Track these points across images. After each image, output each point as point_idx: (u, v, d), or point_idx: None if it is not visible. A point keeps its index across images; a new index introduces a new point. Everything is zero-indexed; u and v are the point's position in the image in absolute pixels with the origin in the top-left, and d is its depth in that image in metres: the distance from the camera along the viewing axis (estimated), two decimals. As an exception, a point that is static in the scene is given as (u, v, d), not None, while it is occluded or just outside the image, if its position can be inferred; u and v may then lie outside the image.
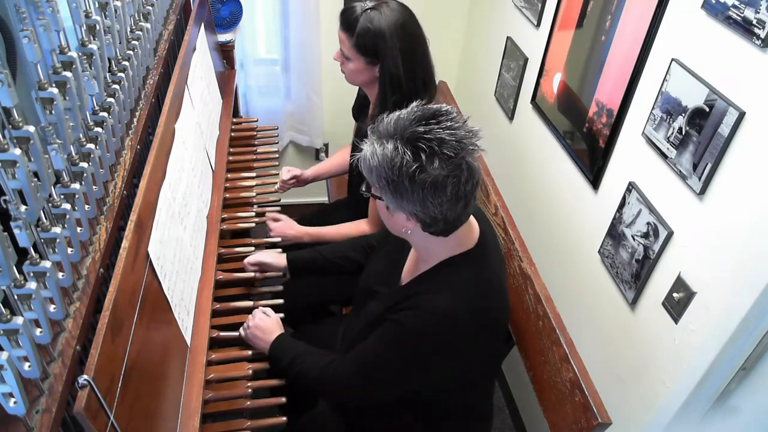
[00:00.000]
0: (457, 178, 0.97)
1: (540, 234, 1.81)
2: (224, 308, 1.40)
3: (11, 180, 0.71)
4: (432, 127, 0.96)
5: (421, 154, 0.95)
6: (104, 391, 0.78)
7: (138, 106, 1.31)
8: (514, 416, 2.10)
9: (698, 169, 1.11)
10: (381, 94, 1.51)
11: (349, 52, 1.50)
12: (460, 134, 0.97)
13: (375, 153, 0.98)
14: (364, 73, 1.53)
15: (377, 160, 0.97)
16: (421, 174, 0.95)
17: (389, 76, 1.47)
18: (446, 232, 1.05)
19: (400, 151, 0.95)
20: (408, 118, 0.98)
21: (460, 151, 0.96)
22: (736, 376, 1.15)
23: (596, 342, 1.51)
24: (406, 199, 0.98)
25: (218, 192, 1.61)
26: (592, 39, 1.50)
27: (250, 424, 1.21)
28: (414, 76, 1.50)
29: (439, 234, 1.05)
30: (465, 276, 1.09)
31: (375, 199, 1.07)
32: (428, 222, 1.02)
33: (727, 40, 1.05)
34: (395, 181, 0.97)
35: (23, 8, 0.79)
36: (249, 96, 2.47)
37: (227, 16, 2.19)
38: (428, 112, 0.99)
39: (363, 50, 1.47)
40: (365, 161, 1.00)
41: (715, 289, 1.10)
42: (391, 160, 0.96)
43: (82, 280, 0.92)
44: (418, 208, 0.99)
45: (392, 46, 1.45)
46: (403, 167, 0.95)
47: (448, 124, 0.97)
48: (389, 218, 1.08)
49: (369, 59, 1.49)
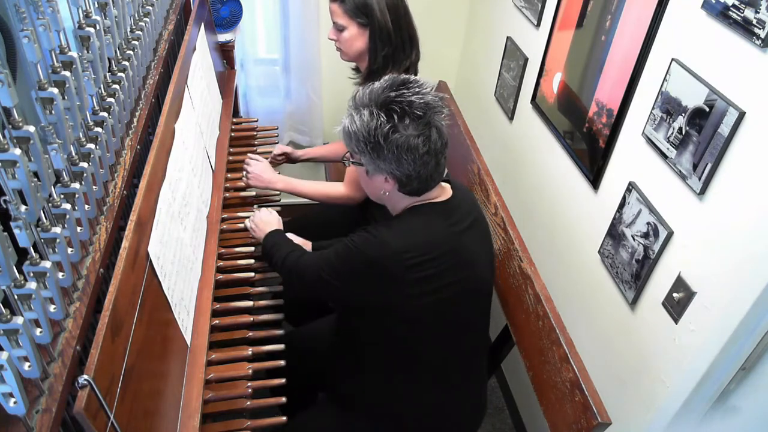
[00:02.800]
0: (427, 137, 1.10)
1: (540, 234, 1.81)
2: (224, 308, 1.39)
3: (11, 180, 0.71)
4: (402, 91, 1.10)
5: (393, 116, 1.08)
6: (104, 391, 0.78)
7: (138, 106, 1.31)
8: (514, 416, 2.10)
9: (698, 169, 1.11)
10: (372, 48, 1.62)
11: (342, 20, 1.61)
12: (428, 98, 1.11)
13: (353, 120, 1.11)
14: (358, 39, 1.63)
15: (356, 126, 1.11)
16: (394, 134, 1.08)
17: (379, 29, 1.59)
18: (420, 191, 1.17)
19: (374, 115, 1.09)
20: (381, 87, 1.12)
21: (427, 111, 1.09)
22: (736, 376, 1.15)
23: (596, 342, 1.51)
24: (383, 158, 1.11)
25: (218, 192, 1.61)
26: (592, 39, 1.50)
27: (250, 424, 1.21)
28: (400, 28, 1.62)
29: (414, 194, 1.18)
30: (416, 220, 1.18)
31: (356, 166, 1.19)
32: (404, 180, 1.14)
33: (727, 40, 1.05)
34: (372, 142, 1.10)
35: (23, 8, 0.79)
36: (249, 96, 2.47)
37: (227, 16, 2.19)
38: (398, 80, 1.13)
39: (354, 12, 1.59)
40: (345, 130, 1.14)
41: (715, 289, 1.10)
42: (367, 124, 1.09)
43: (82, 280, 0.92)
44: (394, 166, 1.11)
45: (379, 1, 1.58)
46: (378, 128, 1.08)
47: (416, 89, 1.11)
48: (368, 183, 1.20)
49: (361, 21, 1.60)
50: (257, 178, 1.72)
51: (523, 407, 2.05)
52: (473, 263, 1.21)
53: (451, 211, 1.20)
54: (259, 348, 1.34)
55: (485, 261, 1.27)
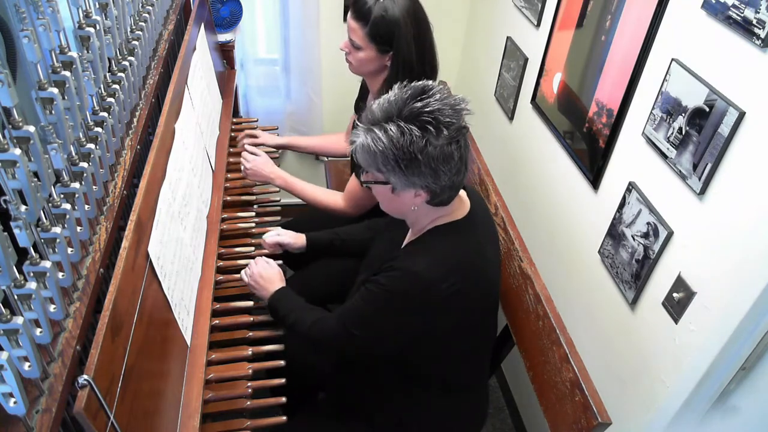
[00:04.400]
0: (459, 143, 1.03)
1: (540, 234, 1.81)
2: (224, 308, 1.40)
3: (11, 180, 0.71)
4: (427, 101, 1.02)
5: (427, 127, 1.00)
6: (104, 391, 0.78)
7: (138, 106, 1.31)
8: (514, 416, 2.10)
9: (698, 169, 1.11)
10: (391, 78, 1.53)
11: (361, 41, 1.52)
12: (451, 102, 1.03)
13: (377, 138, 1.01)
14: (373, 62, 1.55)
15: (383, 144, 1.01)
16: (429, 146, 1.00)
17: (402, 62, 1.51)
18: (450, 199, 1.11)
19: (405, 129, 1.00)
20: (401, 98, 1.03)
21: (458, 117, 1.03)
22: (736, 376, 1.15)
23: (596, 342, 1.51)
24: (418, 174, 1.03)
25: (218, 192, 1.61)
26: (592, 39, 1.50)
27: (250, 424, 1.21)
28: (423, 60, 1.54)
29: (443, 204, 1.11)
30: (445, 242, 1.13)
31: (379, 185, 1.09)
32: (438, 192, 1.07)
33: (727, 40, 1.05)
34: (406, 159, 1.01)
35: (23, 8, 0.79)
36: (249, 96, 2.47)
37: (227, 16, 2.19)
38: (417, 88, 1.04)
39: (377, 39, 1.50)
40: (366, 149, 1.03)
41: (715, 289, 1.10)
42: (397, 140, 1.00)
43: (82, 280, 0.92)
44: (431, 180, 1.04)
45: (406, 34, 1.49)
46: (413, 144, 1.00)
47: (438, 96, 1.03)
48: (393, 200, 1.11)
49: (381, 48, 1.52)
50: (256, 172, 1.69)
51: (523, 407, 2.05)
52: (494, 280, 1.21)
53: (474, 228, 1.17)
54: (259, 348, 1.34)
55: (498, 273, 1.27)
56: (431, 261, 1.10)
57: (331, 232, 1.56)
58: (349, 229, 1.57)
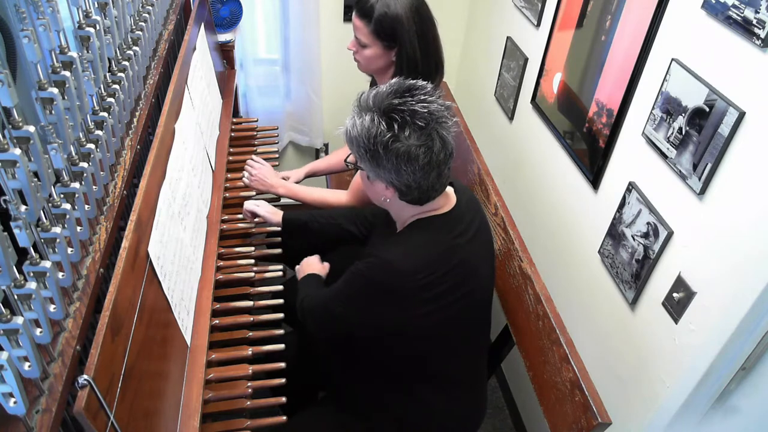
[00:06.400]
0: (429, 148, 1.05)
1: (540, 234, 1.81)
2: (224, 308, 1.39)
3: (11, 180, 0.71)
4: (406, 99, 1.05)
5: (394, 125, 1.04)
6: (104, 391, 0.78)
7: (138, 106, 1.31)
8: (514, 416, 2.10)
9: (698, 169, 1.11)
10: (397, 74, 1.55)
11: (366, 39, 1.54)
12: (433, 107, 1.05)
13: (355, 124, 1.07)
14: (380, 58, 1.57)
15: (357, 131, 1.07)
16: (394, 143, 1.04)
17: (407, 58, 1.53)
18: (421, 201, 1.13)
19: (376, 121, 1.04)
20: (385, 92, 1.07)
21: (431, 122, 1.04)
22: (736, 376, 1.15)
23: (596, 342, 1.51)
24: (382, 167, 1.07)
25: (218, 192, 1.61)
26: (592, 39, 1.50)
27: (250, 423, 1.21)
28: (428, 57, 1.56)
29: (415, 203, 1.13)
30: (421, 237, 1.15)
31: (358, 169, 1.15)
32: (404, 190, 1.10)
33: (727, 40, 1.05)
34: (372, 150, 1.05)
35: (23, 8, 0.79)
36: (249, 96, 2.46)
37: (227, 16, 2.19)
38: (403, 86, 1.08)
39: (381, 35, 1.52)
40: (347, 133, 1.10)
41: (715, 289, 1.10)
42: (368, 130, 1.05)
43: (82, 280, 0.92)
44: (394, 176, 1.07)
45: (409, 29, 1.51)
46: (378, 136, 1.04)
47: (422, 97, 1.06)
48: (370, 187, 1.17)
49: (386, 44, 1.54)
50: (260, 182, 1.71)
51: (523, 407, 2.05)
52: (479, 274, 1.21)
53: (455, 222, 1.18)
54: (259, 348, 1.34)
55: (488, 268, 1.27)
56: (404, 252, 1.13)
57: (309, 214, 1.58)
58: (330, 212, 1.59)
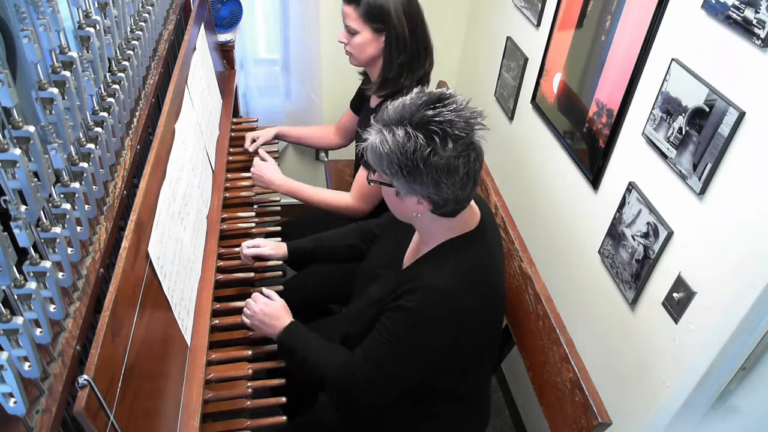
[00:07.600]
0: (468, 158, 1.01)
1: (540, 234, 1.81)
2: (224, 308, 1.39)
3: (11, 180, 0.71)
4: (440, 110, 0.99)
5: (434, 137, 0.98)
6: (104, 391, 0.78)
7: (138, 106, 1.31)
8: (514, 416, 2.10)
9: (698, 169, 1.11)
10: (387, 56, 1.59)
11: (355, 24, 1.57)
12: (466, 115, 1.01)
13: (385, 140, 1.00)
14: (371, 44, 1.59)
15: (388, 147, 1.00)
16: (434, 156, 0.98)
17: (395, 37, 1.55)
18: (455, 212, 1.09)
19: (412, 135, 0.98)
20: (414, 103, 1.01)
21: (469, 131, 1.00)
22: (736, 376, 1.15)
23: (596, 342, 1.51)
24: (419, 182, 1.01)
25: (218, 192, 1.61)
26: (592, 39, 1.50)
27: (250, 423, 1.21)
28: (416, 37, 1.58)
29: (449, 215, 1.09)
30: (463, 256, 1.11)
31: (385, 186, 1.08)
32: (440, 203, 1.05)
33: (727, 40, 1.05)
34: (409, 165, 0.99)
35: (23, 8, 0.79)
36: (249, 96, 2.46)
37: (227, 16, 2.19)
38: (434, 96, 1.02)
39: (370, 17, 1.55)
40: (374, 149, 1.02)
41: (715, 289, 1.10)
42: (403, 145, 0.98)
43: (82, 280, 0.92)
44: (432, 190, 1.02)
45: (396, 8, 1.54)
46: (417, 151, 0.98)
47: (454, 106, 1.01)
48: (398, 204, 1.10)
49: (376, 26, 1.56)
50: (258, 177, 1.71)
51: (523, 407, 2.05)
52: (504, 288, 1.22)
53: (485, 237, 1.16)
54: (259, 348, 1.34)
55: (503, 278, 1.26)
56: (452, 275, 1.07)
57: (314, 239, 1.50)
58: (333, 234, 1.52)
